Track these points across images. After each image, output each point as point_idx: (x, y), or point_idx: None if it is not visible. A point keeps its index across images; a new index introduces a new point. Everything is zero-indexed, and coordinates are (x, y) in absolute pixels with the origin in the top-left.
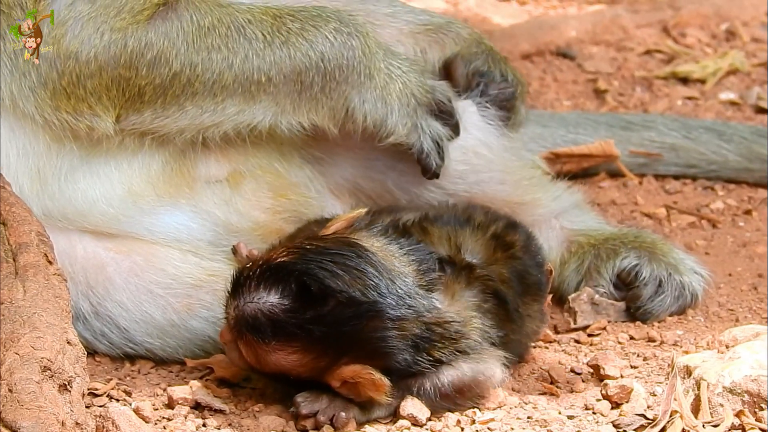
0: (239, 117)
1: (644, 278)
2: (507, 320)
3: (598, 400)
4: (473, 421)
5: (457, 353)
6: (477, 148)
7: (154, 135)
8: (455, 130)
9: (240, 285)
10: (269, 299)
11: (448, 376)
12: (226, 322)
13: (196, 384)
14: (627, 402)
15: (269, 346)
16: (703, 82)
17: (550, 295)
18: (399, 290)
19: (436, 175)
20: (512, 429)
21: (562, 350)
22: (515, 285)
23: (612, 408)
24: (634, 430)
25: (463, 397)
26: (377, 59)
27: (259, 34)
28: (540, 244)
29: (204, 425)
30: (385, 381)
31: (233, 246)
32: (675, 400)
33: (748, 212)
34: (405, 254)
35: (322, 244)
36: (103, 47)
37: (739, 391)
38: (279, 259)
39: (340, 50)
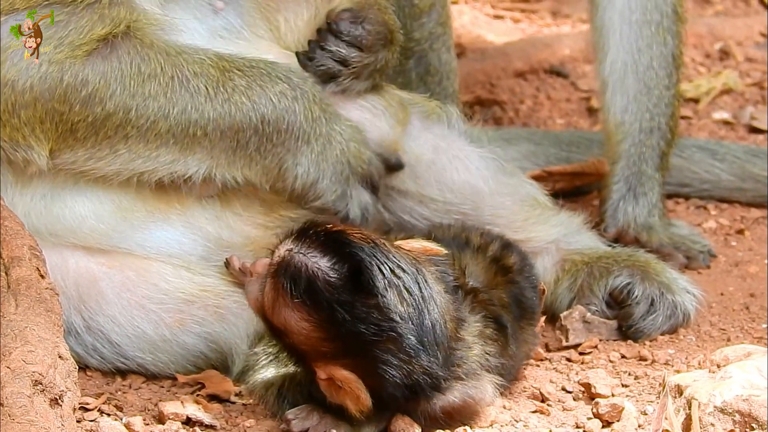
0: (173, 166)
1: (636, 297)
2: (505, 346)
3: (589, 418)
4: None
5: (453, 379)
6: (471, 185)
7: (89, 177)
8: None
9: (305, 235)
10: (320, 263)
11: (438, 399)
12: (269, 259)
13: (187, 399)
14: (618, 421)
15: (292, 302)
16: (696, 101)
17: (543, 317)
18: (430, 334)
19: None
20: None
21: (554, 368)
22: (513, 309)
23: (603, 427)
24: None
25: (453, 419)
26: (319, 124)
27: (202, 88)
28: (533, 263)
29: None
30: (368, 402)
31: (226, 259)
32: (666, 419)
33: (740, 232)
34: (455, 309)
35: (395, 252)
36: (40, 78)
37: (731, 410)
38: (350, 236)
39: (282, 114)
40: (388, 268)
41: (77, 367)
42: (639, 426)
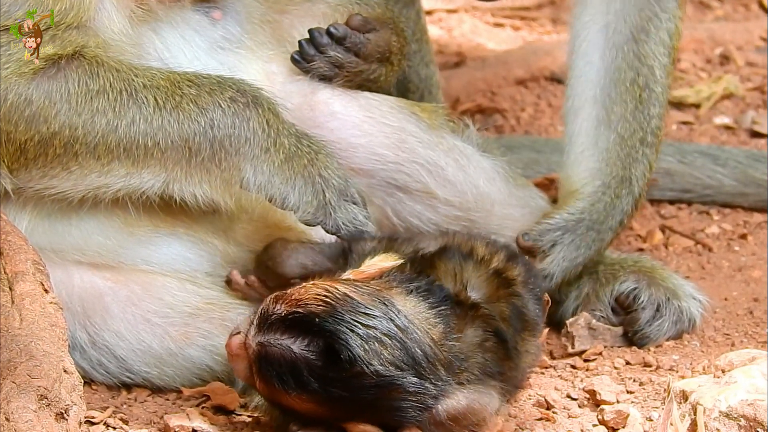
0: (128, 180)
1: (642, 302)
2: (505, 358)
3: (595, 425)
4: None
5: (456, 384)
6: (482, 193)
7: (50, 196)
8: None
9: (268, 318)
10: (295, 349)
11: (443, 404)
12: (242, 339)
13: (192, 412)
14: (623, 427)
15: (285, 389)
16: (697, 106)
17: (546, 329)
18: (425, 362)
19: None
20: None
21: (558, 375)
22: (515, 322)
23: None
24: None
25: (459, 425)
26: (278, 134)
27: (151, 99)
28: (538, 274)
29: None
30: None
31: (227, 277)
32: (671, 425)
33: (743, 236)
34: (433, 314)
35: (357, 298)
36: None
37: (736, 415)
38: (311, 306)
39: (233, 119)
40: (359, 326)
41: (83, 381)
42: None
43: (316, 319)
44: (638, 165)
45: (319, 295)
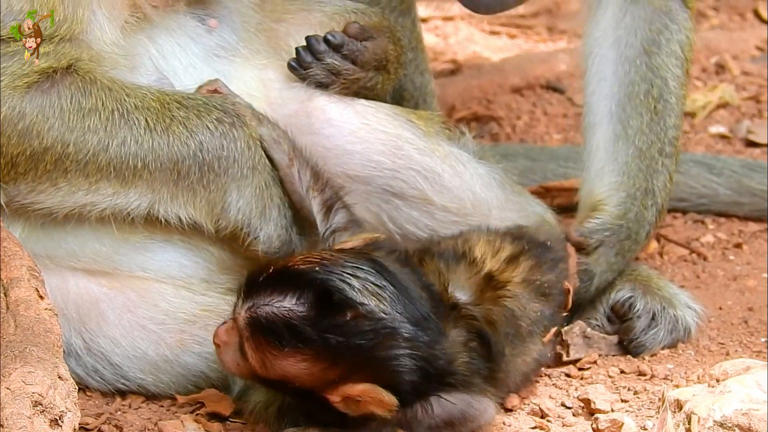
0: (115, 200)
1: (638, 310)
2: (491, 360)
3: None
4: None
5: (443, 386)
6: (479, 199)
7: (35, 210)
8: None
9: (255, 286)
10: (286, 304)
11: (437, 407)
12: (230, 324)
13: (187, 419)
14: None
15: (281, 351)
16: (692, 115)
17: (554, 329)
18: (416, 312)
19: None
20: None
21: (553, 384)
22: (504, 326)
23: None
24: None
25: (453, 430)
26: (264, 158)
27: (142, 120)
28: (559, 261)
29: None
30: (394, 400)
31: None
32: None
33: (738, 246)
34: (419, 281)
35: (343, 256)
36: None
37: (730, 425)
38: (297, 266)
39: (220, 141)
40: (349, 275)
41: (77, 388)
42: None
43: (306, 274)
44: (659, 176)
45: (305, 257)
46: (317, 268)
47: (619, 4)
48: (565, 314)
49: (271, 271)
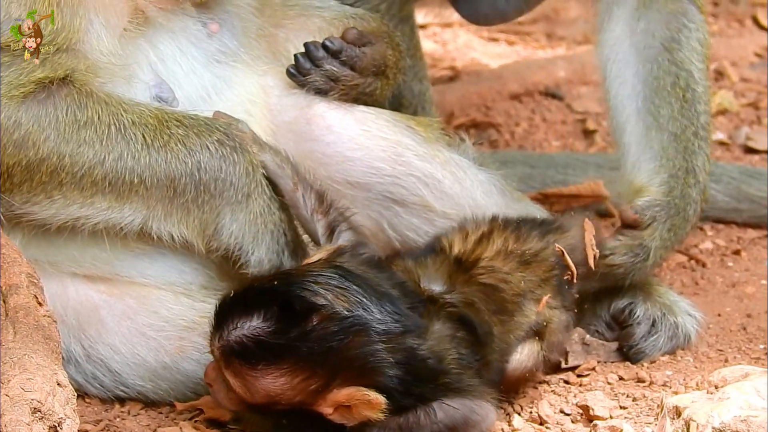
0: (109, 214)
1: (638, 317)
2: (479, 344)
3: None
4: None
5: (441, 390)
6: (478, 205)
7: (29, 221)
8: None
9: (221, 316)
10: (252, 323)
11: (439, 412)
12: (212, 360)
13: (185, 425)
14: None
15: (257, 370)
16: None
17: (548, 295)
18: (384, 306)
19: None
20: None
21: (552, 391)
22: (485, 303)
23: None
24: None
25: None
26: (262, 185)
27: (139, 135)
28: (548, 233)
29: None
30: (381, 398)
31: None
32: None
33: (737, 252)
34: (388, 279)
35: (304, 268)
36: None
37: (729, 431)
38: (258, 285)
39: (219, 163)
40: (310, 282)
41: (76, 395)
42: None
43: (267, 290)
44: (698, 157)
45: (265, 276)
46: (276, 283)
47: (631, 12)
48: (570, 279)
49: (232, 296)
